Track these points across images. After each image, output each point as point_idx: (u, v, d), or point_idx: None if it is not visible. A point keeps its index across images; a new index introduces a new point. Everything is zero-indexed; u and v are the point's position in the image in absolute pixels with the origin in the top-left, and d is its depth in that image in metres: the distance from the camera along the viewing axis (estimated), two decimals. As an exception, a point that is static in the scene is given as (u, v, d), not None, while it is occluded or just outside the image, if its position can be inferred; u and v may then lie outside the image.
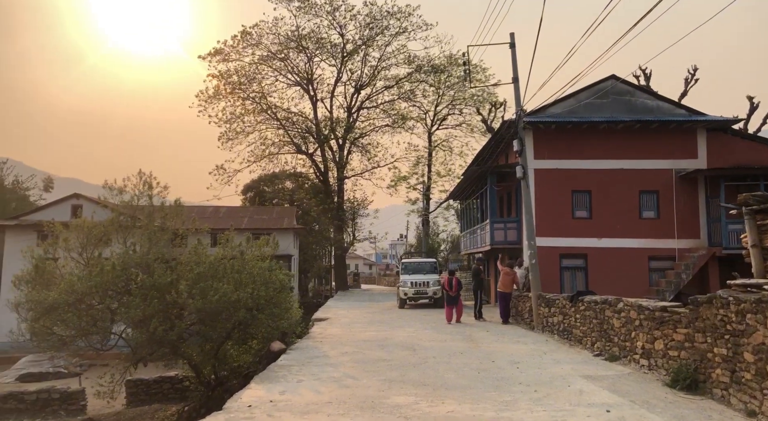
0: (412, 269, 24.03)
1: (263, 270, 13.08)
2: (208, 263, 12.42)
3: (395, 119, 44.29)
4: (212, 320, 11.95)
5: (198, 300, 11.52)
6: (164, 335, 11.33)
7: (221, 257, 12.98)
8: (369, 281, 77.09)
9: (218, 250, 13.30)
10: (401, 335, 13.97)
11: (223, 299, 11.59)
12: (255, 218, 34.60)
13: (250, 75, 40.98)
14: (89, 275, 11.73)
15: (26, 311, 11.71)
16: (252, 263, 13.25)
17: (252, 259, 13.28)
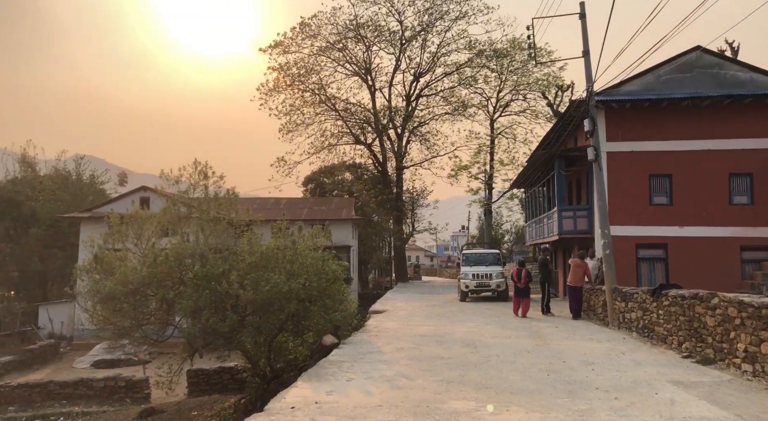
0: (474, 260, 23.01)
1: (316, 260, 12.55)
2: (259, 253, 12.00)
3: (456, 107, 43.08)
4: (264, 312, 11.54)
5: (249, 291, 11.11)
6: (216, 326, 11.00)
7: (273, 247, 12.54)
8: (430, 272, 76.25)
9: (271, 240, 12.88)
10: (461, 331, 13.11)
11: (275, 290, 11.13)
12: (314, 209, 34.51)
13: (309, 66, 40.95)
14: (142, 266, 11.57)
15: (85, 301, 11.70)
16: (304, 253, 12.76)
17: (304, 249, 12.76)
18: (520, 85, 42.44)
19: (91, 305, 11.58)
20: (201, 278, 11.44)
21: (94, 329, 12.65)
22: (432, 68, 42.38)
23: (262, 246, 12.44)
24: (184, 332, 11.63)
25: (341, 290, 13.11)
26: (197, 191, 14.86)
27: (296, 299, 11.61)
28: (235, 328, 11.65)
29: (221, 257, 12.49)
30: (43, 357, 26.32)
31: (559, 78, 40.24)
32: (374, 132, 41.77)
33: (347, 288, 13.69)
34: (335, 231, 33.71)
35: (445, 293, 28.22)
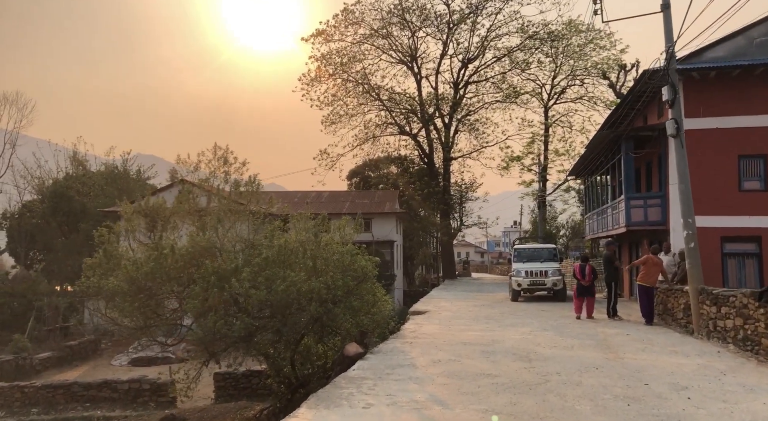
0: (527, 256, 20.85)
1: (342, 256, 10.90)
2: (276, 246, 10.44)
3: (507, 94, 40.58)
4: (282, 314, 9.98)
5: (262, 290, 9.58)
6: (224, 330, 9.53)
7: (295, 241, 10.97)
8: (480, 269, 73.66)
9: (291, 233, 11.31)
10: (513, 338, 11.16)
11: (291, 289, 9.55)
12: (356, 202, 33.04)
13: (351, 55, 39.42)
14: (147, 260, 10.24)
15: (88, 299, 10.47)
16: (329, 247, 11.13)
17: (328, 243, 11.13)
18: (576, 70, 39.53)
19: (92, 304, 10.35)
20: (211, 275, 9.98)
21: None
22: (482, 53, 40.03)
23: (281, 239, 10.90)
24: (191, 336, 10.23)
25: (372, 290, 11.42)
26: (216, 179, 13.48)
27: (318, 300, 9.99)
28: (250, 332, 10.14)
29: (236, 251, 11.04)
30: (83, 353, 25.96)
31: (619, 60, 37.17)
32: (420, 122, 39.86)
33: (378, 287, 11.97)
34: (378, 225, 32.17)
35: (495, 291, 26.08)
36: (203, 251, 10.99)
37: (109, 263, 11.07)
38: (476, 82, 41.33)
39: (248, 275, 9.76)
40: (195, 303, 9.49)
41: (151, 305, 10.13)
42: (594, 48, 38.63)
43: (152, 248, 10.50)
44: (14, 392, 16.44)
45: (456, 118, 40.25)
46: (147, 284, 10.05)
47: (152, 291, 10.14)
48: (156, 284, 10.14)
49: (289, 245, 10.67)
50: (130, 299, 10.02)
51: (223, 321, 9.48)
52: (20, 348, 23.36)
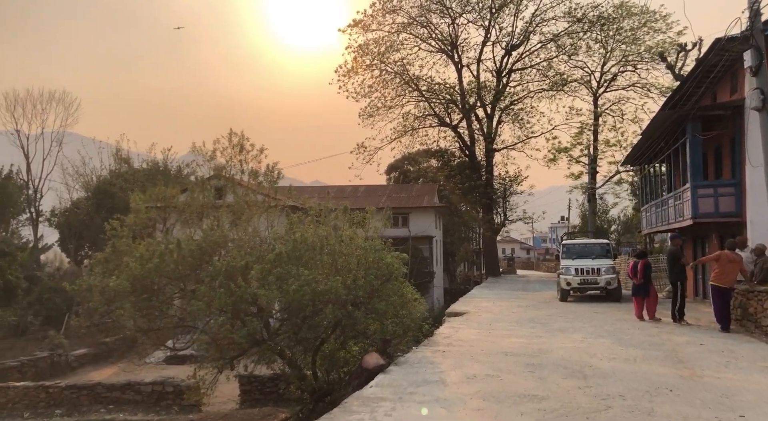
0: (577, 252, 19.10)
1: (366, 251, 9.64)
2: (291, 241, 9.27)
3: (554, 82, 38.42)
4: (295, 317, 8.82)
5: (273, 290, 8.44)
6: (230, 334, 8.44)
7: (313, 235, 9.78)
8: (526, 266, 71.25)
9: (308, 226, 10.13)
10: (563, 346, 9.66)
11: (304, 290, 8.37)
12: (393, 196, 31.81)
13: (389, 44, 38.12)
14: (150, 257, 9.26)
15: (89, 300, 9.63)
16: (353, 242, 9.90)
17: (352, 237, 9.89)
18: (629, 55, 36.99)
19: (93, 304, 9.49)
20: (219, 274, 8.91)
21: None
22: (526, 39, 38.01)
23: (297, 233, 9.73)
24: (197, 341, 9.21)
25: (400, 290, 10.11)
26: (233, 168, 12.47)
27: (336, 301, 8.77)
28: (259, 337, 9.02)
29: (251, 246, 9.95)
30: (120, 350, 25.71)
31: (675, 43, 34.49)
32: (461, 112, 38.20)
33: (408, 287, 10.66)
34: (416, 220, 30.84)
35: (542, 289, 24.35)
36: (216, 246, 9.95)
37: (117, 260, 10.19)
38: (520, 70, 39.37)
39: (258, 273, 8.63)
40: (200, 304, 8.44)
41: (154, 305, 9.16)
42: (648, 31, 36.06)
43: (157, 243, 9.53)
44: (39, 393, 16.02)
45: (499, 107, 38.43)
46: (151, 283, 9.07)
47: (156, 290, 9.16)
48: (161, 282, 9.16)
49: (306, 240, 9.48)
50: (134, 298, 9.07)
51: (230, 325, 8.38)
52: (56, 345, 23.23)
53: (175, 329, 9.98)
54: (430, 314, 22.47)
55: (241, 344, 8.58)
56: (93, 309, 9.49)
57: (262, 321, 8.84)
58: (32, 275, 30.96)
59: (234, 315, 8.59)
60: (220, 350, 9.43)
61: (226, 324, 8.31)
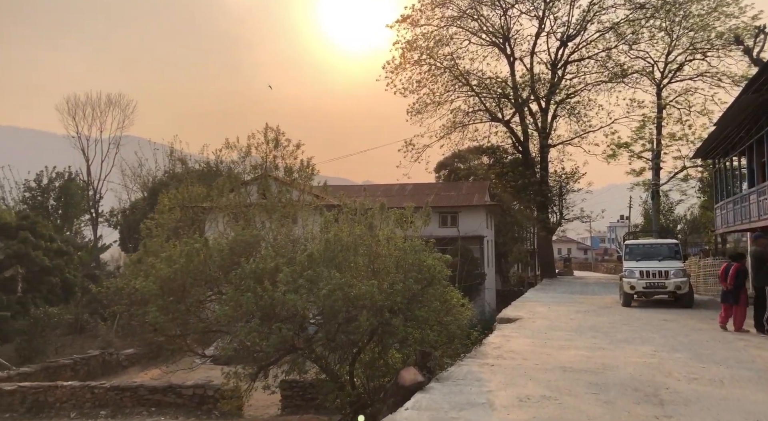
0: (642, 253, 17.56)
1: (405, 253, 8.78)
2: (323, 241, 8.53)
3: (613, 73, 36.30)
4: (331, 324, 8.06)
5: (302, 294, 7.71)
6: (256, 343, 7.78)
7: (347, 234, 9.01)
8: (583, 267, 68.40)
9: (342, 225, 9.36)
10: (631, 361, 8.48)
11: (336, 295, 7.59)
12: (442, 194, 30.77)
13: (438, 38, 37.07)
14: (178, 257, 8.73)
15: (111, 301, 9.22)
16: (392, 242, 9.06)
17: (390, 237, 9.06)
18: (697, 43, 34.46)
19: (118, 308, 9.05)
20: (248, 277, 8.27)
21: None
22: (583, 29, 36.11)
23: (330, 232, 8.98)
24: (224, 350, 8.60)
25: (442, 295, 9.19)
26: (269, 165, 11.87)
27: (371, 308, 7.95)
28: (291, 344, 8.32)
29: (280, 247, 9.28)
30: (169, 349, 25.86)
31: (750, 27, 31.80)
32: (513, 107, 36.69)
33: (453, 292, 9.73)
34: (466, 219, 29.67)
35: (602, 292, 22.76)
36: (248, 247, 9.33)
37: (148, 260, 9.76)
38: (577, 62, 37.48)
39: (287, 276, 7.92)
40: (226, 309, 7.82)
41: (180, 310, 8.63)
42: (719, 17, 33.53)
43: (185, 242, 9.00)
44: (85, 393, 16.03)
45: (554, 101, 36.69)
46: (179, 285, 8.54)
47: (184, 293, 8.62)
48: (189, 284, 8.61)
49: (341, 240, 8.71)
50: (161, 302, 8.56)
51: (257, 333, 7.72)
52: (107, 343, 23.56)
53: (207, 335, 9.44)
54: (481, 319, 21.39)
55: (269, 353, 7.91)
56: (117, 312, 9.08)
57: (295, 327, 8.12)
58: (91, 274, 31.82)
59: (263, 321, 7.93)
60: (252, 357, 8.83)
61: (252, 332, 7.66)
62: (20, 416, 15.49)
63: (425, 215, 10.32)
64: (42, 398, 15.75)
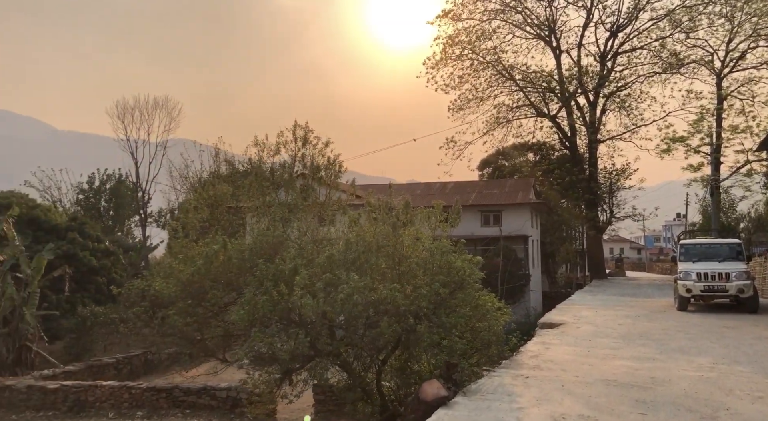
0: (699, 253, 16.32)
1: (432, 254, 8.19)
2: (344, 242, 8.04)
3: (668, 64, 34.38)
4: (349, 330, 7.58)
5: (319, 299, 7.24)
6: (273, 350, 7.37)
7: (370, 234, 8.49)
8: (637, 267, 65.57)
9: (366, 225, 8.84)
10: (685, 375, 7.61)
11: (354, 299, 7.09)
12: (484, 192, 29.84)
13: (480, 33, 36.11)
14: (196, 259, 8.44)
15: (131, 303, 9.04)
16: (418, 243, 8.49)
17: (418, 236, 8.49)
18: (761, 29, 32.18)
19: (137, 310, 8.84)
20: (266, 279, 7.88)
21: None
22: (634, 18, 34.39)
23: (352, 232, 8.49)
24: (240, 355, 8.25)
25: (473, 300, 8.54)
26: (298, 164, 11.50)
27: (393, 313, 7.40)
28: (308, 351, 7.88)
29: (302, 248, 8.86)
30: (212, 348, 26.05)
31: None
32: (559, 101, 35.32)
33: (486, 296, 9.06)
34: (509, 218, 28.64)
35: (655, 295, 21.40)
36: (271, 248, 8.96)
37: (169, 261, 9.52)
38: (628, 53, 35.72)
39: (304, 279, 7.48)
40: (242, 313, 7.45)
41: (199, 313, 8.32)
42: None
43: (206, 243, 8.71)
44: (123, 393, 16.14)
45: (603, 94, 35.08)
46: (198, 287, 8.25)
47: (201, 296, 8.32)
48: (207, 286, 8.30)
49: (365, 239, 8.20)
50: (181, 304, 8.29)
51: (274, 339, 7.30)
52: (150, 342, 23.88)
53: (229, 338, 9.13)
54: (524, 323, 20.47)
55: (286, 360, 7.48)
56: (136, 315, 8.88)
57: (314, 333, 7.66)
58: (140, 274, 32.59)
59: (281, 326, 7.52)
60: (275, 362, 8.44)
61: (266, 338, 7.26)
62: (62, 415, 15.75)
63: (455, 214, 9.67)
64: (83, 398, 15.96)
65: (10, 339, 19.36)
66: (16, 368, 19.08)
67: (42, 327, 20.67)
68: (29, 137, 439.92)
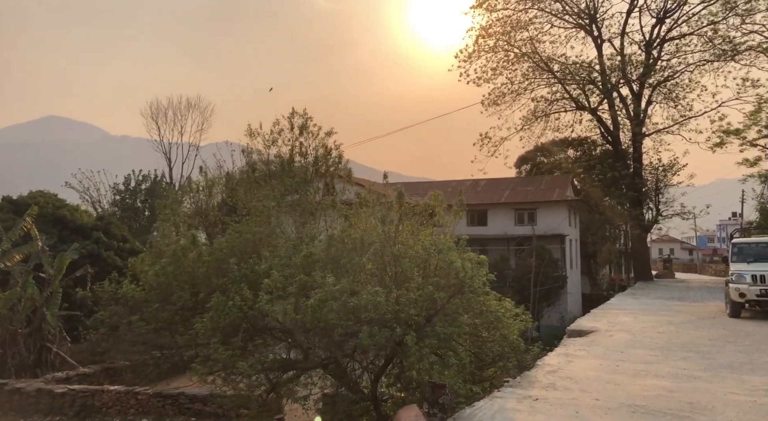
0: (755, 254, 14.58)
1: (429, 253, 7.08)
2: (327, 238, 7.02)
3: (721, 51, 31.89)
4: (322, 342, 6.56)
5: (288, 305, 6.25)
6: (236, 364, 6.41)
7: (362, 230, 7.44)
8: (687, 269, 62.00)
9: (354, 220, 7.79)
10: (732, 399, 6.26)
11: (329, 305, 6.06)
12: (518, 190, 28.30)
13: (515, 23, 34.49)
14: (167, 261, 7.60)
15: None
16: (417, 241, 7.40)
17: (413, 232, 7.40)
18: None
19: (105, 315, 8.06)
20: (239, 281, 6.95)
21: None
22: (683, 2, 32.08)
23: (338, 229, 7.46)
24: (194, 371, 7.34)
25: (480, 307, 7.36)
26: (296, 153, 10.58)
27: (378, 322, 6.33)
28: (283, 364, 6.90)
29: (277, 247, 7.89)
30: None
31: None
32: (601, 93, 33.31)
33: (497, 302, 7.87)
34: (545, 216, 27.01)
35: (705, 299, 19.49)
36: (251, 246, 8.04)
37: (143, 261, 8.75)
38: (677, 40, 33.36)
39: (276, 281, 6.49)
40: (205, 320, 6.54)
41: (163, 318, 7.47)
42: None
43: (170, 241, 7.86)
44: (129, 399, 15.59)
45: (648, 84, 32.87)
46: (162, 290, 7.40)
47: (166, 299, 7.47)
48: (174, 288, 7.45)
49: (351, 237, 7.16)
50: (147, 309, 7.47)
51: (237, 351, 6.35)
52: (116, 350, 23.47)
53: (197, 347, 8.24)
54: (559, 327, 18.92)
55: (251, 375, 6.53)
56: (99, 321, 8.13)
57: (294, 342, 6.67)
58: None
59: (248, 336, 6.58)
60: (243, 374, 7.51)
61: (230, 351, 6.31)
62: (69, 419, 15.36)
63: (458, 207, 8.48)
64: (89, 403, 15.51)
65: (31, 339, 19.21)
66: (36, 369, 18.91)
67: (66, 327, 20.53)
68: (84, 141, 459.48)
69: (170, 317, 7.71)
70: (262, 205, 9.35)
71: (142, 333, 7.46)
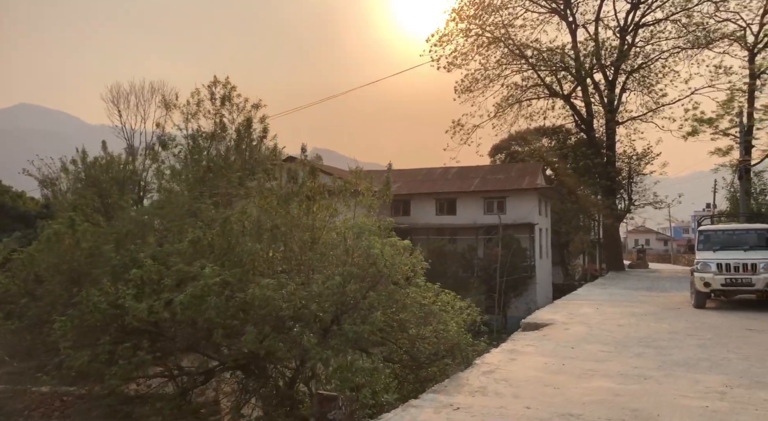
0: (721, 241, 13.91)
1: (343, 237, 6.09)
2: (221, 222, 5.98)
3: (695, 38, 31.32)
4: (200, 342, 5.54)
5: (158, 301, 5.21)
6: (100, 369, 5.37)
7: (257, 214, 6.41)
8: (662, 259, 62.13)
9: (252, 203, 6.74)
10: (682, 403, 5.43)
11: (207, 302, 5.04)
12: (487, 178, 27.47)
13: (486, 4, 33.47)
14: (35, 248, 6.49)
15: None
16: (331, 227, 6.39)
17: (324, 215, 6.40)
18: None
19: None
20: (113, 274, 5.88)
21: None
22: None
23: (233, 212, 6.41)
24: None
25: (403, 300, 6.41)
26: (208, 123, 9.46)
27: (271, 321, 5.33)
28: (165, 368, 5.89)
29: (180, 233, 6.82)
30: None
31: None
32: (575, 79, 32.55)
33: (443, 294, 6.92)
34: (515, 204, 26.22)
35: (673, 289, 18.87)
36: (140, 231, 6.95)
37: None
38: (651, 25, 32.72)
39: (150, 271, 5.44)
40: (63, 319, 5.48)
41: (30, 315, 6.38)
42: None
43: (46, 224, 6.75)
44: (54, 401, 14.39)
45: (623, 70, 32.21)
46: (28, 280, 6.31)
47: (32, 292, 6.39)
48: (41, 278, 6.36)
49: (251, 220, 6.12)
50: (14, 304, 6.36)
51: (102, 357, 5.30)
52: None
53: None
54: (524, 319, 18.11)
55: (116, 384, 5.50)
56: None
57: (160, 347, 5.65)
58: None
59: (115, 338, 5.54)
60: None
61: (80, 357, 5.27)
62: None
63: (384, 189, 7.45)
64: (10, 405, 14.31)
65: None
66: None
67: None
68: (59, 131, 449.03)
69: (38, 314, 6.62)
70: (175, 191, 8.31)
71: (7, 333, 6.38)
